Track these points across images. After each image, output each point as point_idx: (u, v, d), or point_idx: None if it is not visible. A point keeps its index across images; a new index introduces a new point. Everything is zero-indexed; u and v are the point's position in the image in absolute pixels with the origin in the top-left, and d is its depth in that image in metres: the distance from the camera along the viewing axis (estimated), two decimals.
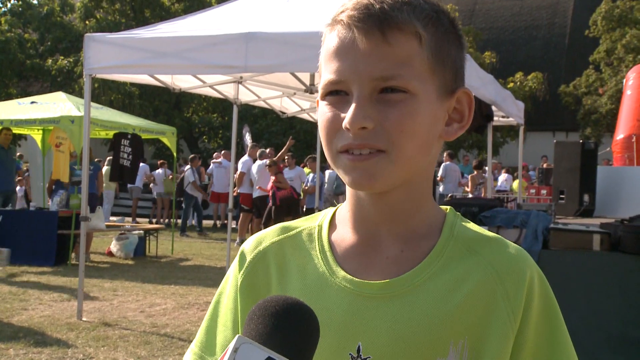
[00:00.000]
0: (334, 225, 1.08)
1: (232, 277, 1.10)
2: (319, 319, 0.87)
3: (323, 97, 0.99)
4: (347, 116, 0.93)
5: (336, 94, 0.97)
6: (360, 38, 0.93)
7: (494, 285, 0.97)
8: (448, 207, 1.07)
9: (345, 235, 1.05)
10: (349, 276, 1.00)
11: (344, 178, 0.97)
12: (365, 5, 0.94)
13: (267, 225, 12.63)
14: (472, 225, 1.05)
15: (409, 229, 1.01)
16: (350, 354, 0.96)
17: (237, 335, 0.77)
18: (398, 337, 0.95)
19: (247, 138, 17.59)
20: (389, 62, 0.93)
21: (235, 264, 1.11)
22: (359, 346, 0.96)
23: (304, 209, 14.30)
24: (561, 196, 8.72)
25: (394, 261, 1.00)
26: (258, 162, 13.53)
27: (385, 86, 0.93)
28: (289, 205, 12.88)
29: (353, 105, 0.93)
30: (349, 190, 1.04)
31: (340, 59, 0.95)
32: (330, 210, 1.10)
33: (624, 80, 15.87)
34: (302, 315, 0.82)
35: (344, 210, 1.07)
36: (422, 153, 0.98)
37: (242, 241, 13.74)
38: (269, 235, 1.11)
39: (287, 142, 13.56)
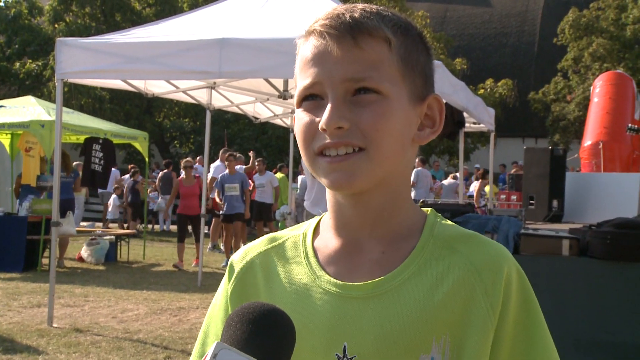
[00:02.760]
0: (317, 232, 1.12)
1: (223, 289, 1.14)
2: (306, 323, 0.89)
3: (299, 105, 1.03)
4: (323, 117, 0.97)
5: (312, 99, 1.01)
6: (332, 44, 0.98)
7: (473, 282, 1.00)
8: (429, 209, 1.11)
9: (328, 241, 1.08)
10: (333, 279, 1.04)
11: (323, 181, 1.01)
12: (336, 14, 1.00)
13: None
14: (451, 225, 1.09)
15: (390, 231, 1.05)
16: (336, 354, 1.00)
17: (215, 342, 0.79)
18: (382, 335, 0.98)
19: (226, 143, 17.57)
20: (360, 65, 0.97)
21: (225, 275, 1.15)
22: (344, 346, 0.99)
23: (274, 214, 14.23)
24: (531, 202, 8.86)
25: (377, 263, 1.04)
26: None
27: (357, 87, 0.98)
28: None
29: (329, 106, 0.97)
30: (329, 198, 1.07)
31: (314, 65, 1.00)
32: (315, 219, 1.14)
33: (591, 88, 16.16)
34: (278, 320, 0.85)
35: (327, 218, 1.11)
36: (398, 153, 1.01)
37: (214, 246, 13.55)
38: (256, 246, 1.15)
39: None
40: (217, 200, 11.83)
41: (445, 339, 0.98)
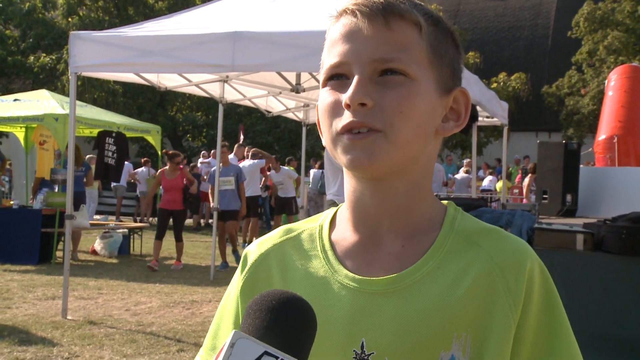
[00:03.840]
0: (334, 224, 1.09)
1: (236, 280, 1.12)
2: (323, 318, 0.87)
3: (324, 84, 1.02)
4: (348, 92, 0.95)
5: (337, 78, 1.00)
6: (363, 22, 0.97)
7: (494, 277, 0.98)
8: (448, 201, 1.09)
9: (345, 233, 1.06)
10: (350, 274, 1.02)
11: (343, 159, 0.98)
12: None
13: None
14: (472, 219, 1.07)
15: (409, 224, 1.03)
16: (354, 350, 0.98)
17: (233, 331, 0.76)
18: (401, 331, 0.96)
19: (242, 137, 17.58)
20: (389, 46, 0.97)
21: (238, 267, 1.13)
22: (362, 342, 0.97)
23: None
24: (544, 196, 8.81)
25: (396, 257, 1.02)
26: (249, 161, 13.29)
27: (385, 68, 0.97)
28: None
29: (354, 81, 0.96)
30: (348, 187, 1.05)
31: (343, 42, 0.99)
32: (331, 211, 1.12)
33: (606, 82, 16.01)
34: (298, 309, 0.81)
35: (344, 209, 1.08)
36: (419, 140, 0.99)
37: (226, 239, 13.52)
38: (271, 238, 1.13)
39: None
40: (210, 197, 10.64)
41: (466, 336, 0.96)
